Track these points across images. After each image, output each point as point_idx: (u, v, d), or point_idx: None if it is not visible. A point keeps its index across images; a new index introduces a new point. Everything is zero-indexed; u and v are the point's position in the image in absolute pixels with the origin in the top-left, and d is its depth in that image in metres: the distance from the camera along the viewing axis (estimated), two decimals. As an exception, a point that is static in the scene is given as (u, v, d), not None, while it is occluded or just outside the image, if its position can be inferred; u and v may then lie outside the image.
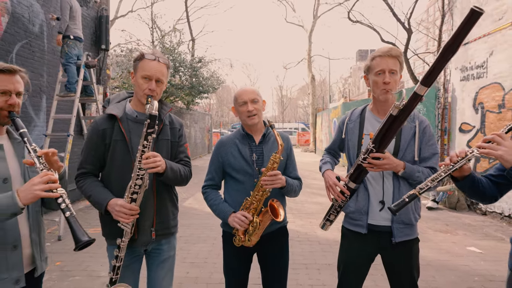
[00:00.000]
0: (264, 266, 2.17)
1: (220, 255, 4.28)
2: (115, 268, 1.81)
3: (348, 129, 2.11)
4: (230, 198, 2.15)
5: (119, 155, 1.88)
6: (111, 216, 1.82)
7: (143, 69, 1.87)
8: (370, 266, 2.07)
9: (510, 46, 5.75)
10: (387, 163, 1.77)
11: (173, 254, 2.13)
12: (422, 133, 1.95)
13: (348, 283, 2.06)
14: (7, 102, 1.50)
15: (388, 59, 1.87)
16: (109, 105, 2.00)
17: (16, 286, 1.50)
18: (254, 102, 2.07)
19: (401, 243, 1.93)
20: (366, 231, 1.96)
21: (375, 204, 1.95)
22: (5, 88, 1.50)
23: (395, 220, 1.91)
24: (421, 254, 4.67)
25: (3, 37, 5.46)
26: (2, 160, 1.52)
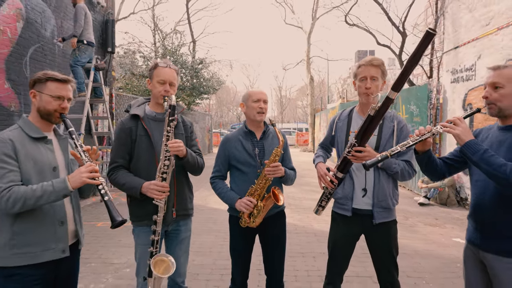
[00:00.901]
0: (266, 244, 2.51)
1: (222, 245, 4.66)
2: (153, 242, 2.14)
3: (337, 127, 2.45)
4: (236, 186, 2.48)
5: (144, 148, 2.23)
6: (138, 201, 2.16)
7: (158, 75, 2.23)
8: (355, 244, 2.38)
9: (496, 50, 6.10)
10: (368, 155, 2.09)
11: (189, 235, 2.46)
12: (399, 131, 2.28)
13: (336, 257, 2.39)
14: (60, 105, 1.83)
15: (370, 68, 2.21)
16: (131, 108, 2.34)
17: (62, 254, 1.83)
18: (265, 103, 2.42)
19: (380, 224, 2.25)
20: (351, 214, 2.30)
21: (358, 191, 2.28)
22: (60, 94, 1.83)
23: (375, 205, 2.24)
24: (409, 244, 5.04)
25: (18, 41, 5.80)
26: (52, 152, 1.86)
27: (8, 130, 1.79)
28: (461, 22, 7.17)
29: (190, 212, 2.43)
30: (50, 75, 1.84)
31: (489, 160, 1.66)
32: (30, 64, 6.08)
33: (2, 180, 1.63)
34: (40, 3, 6.33)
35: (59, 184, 1.69)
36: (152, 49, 17.07)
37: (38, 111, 1.83)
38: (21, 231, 1.70)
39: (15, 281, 1.69)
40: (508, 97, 1.74)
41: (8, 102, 5.61)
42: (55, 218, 1.81)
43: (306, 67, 23.22)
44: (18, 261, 1.69)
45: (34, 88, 1.84)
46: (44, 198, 1.66)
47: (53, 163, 1.82)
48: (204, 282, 3.63)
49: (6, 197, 1.60)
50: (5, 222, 1.70)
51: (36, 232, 1.73)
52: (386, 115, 2.30)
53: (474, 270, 1.96)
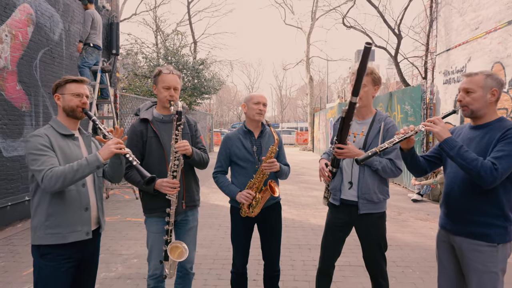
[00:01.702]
0: (263, 233, 2.80)
1: (223, 238, 4.95)
2: (167, 231, 2.41)
3: (335, 129, 2.70)
4: (236, 180, 2.76)
5: (154, 148, 2.50)
6: (150, 195, 2.44)
7: (163, 81, 2.48)
8: (345, 232, 2.62)
9: (484, 53, 6.38)
10: (347, 151, 2.37)
11: (196, 225, 2.73)
12: (385, 132, 2.52)
13: (327, 239, 2.65)
14: (81, 101, 2.12)
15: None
16: (139, 112, 2.62)
17: (86, 236, 2.11)
18: (264, 106, 2.70)
19: (365, 215, 2.50)
20: (339, 203, 2.57)
21: (346, 183, 2.55)
22: (79, 91, 2.11)
23: (359, 197, 2.50)
24: (400, 237, 5.34)
25: (29, 45, 6.09)
26: (78, 148, 2.14)
27: (43, 128, 2.08)
28: (453, 25, 7.45)
29: (197, 203, 2.71)
30: (67, 78, 2.14)
31: (464, 155, 1.90)
32: (40, 67, 6.37)
33: (44, 164, 1.91)
34: (49, 8, 6.62)
35: (92, 158, 1.97)
36: (154, 50, 17.35)
37: (63, 110, 2.11)
38: (53, 213, 1.98)
39: (48, 259, 1.97)
40: (479, 100, 2.00)
41: (20, 103, 5.90)
42: (81, 204, 2.09)
43: (305, 67, 23.49)
44: (50, 240, 1.97)
45: (57, 92, 2.12)
46: (80, 171, 1.92)
47: (79, 157, 2.10)
48: (206, 271, 3.91)
49: (49, 176, 1.88)
50: (42, 205, 1.99)
51: (65, 215, 2.01)
52: (376, 117, 2.57)
53: (446, 252, 2.24)
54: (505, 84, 2.15)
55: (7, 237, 5.10)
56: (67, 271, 2.01)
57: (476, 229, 1.99)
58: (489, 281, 1.94)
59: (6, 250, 4.57)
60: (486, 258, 1.95)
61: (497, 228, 1.95)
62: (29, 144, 1.97)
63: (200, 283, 3.58)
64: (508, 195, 1.95)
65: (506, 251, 1.98)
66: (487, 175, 1.84)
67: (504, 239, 1.95)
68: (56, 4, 6.85)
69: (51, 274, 1.97)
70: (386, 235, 2.62)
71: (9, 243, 4.82)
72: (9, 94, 5.66)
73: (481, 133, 2.02)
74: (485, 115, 2.03)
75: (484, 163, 1.87)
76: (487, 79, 2.00)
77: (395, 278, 3.72)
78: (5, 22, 5.55)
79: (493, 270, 1.94)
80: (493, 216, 1.96)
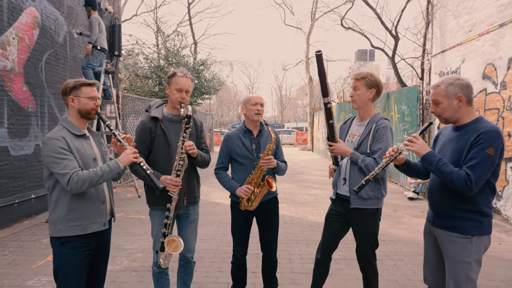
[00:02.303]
0: (262, 225, 2.98)
1: (224, 234, 5.15)
2: (166, 225, 2.56)
3: (341, 130, 2.94)
4: (236, 176, 2.95)
5: (161, 145, 2.67)
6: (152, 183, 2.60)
7: (176, 83, 2.65)
8: (342, 225, 2.78)
9: (477, 55, 6.56)
10: (336, 149, 2.59)
11: (197, 218, 2.91)
12: (375, 133, 2.68)
13: (325, 228, 2.85)
14: (95, 104, 2.28)
15: (354, 80, 2.70)
16: (150, 109, 2.79)
17: (104, 227, 2.29)
18: (262, 106, 2.88)
19: (356, 209, 2.67)
20: (335, 197, 2.78)
21: (341, 180, 2.75)
22: (93, 95, 2.27)
23: (351, 191, 2.70)
24: (395, 232, 5.53)
25: (34, 47, 6.27)
26: (91, 146, 2.31)
27: (57, 130, 2.21)
28: (447, 27, 7.63)
29: (197, 200, 2.88)
30: (82, 81, 2.28)
31: (441, 169, 2.07)
32: (45, 68, 6.55)
33: (67, 168, 2.06)
34: (54, 11, 6.80)
35: (113, 165, 2.16)
36: (155, 51, 17.53)
37: (78, 112, 2.24)
38: (75, 208, 2.15)
39: (68, 247, 2.14)
40: (447, 109, 2.15)
41: (26, 104, 6.08)
42: (99, 198, 2.27)
43: (305, 68, 23.65)
44: (72, 232, 2.14)
45: (71, 95, 2.24)
46: (104, 176, 2.12)
47: (93, 155, 2.28)
48: (208, 264, 4.10)
49: (76, 179, 2.04)
50: (62, 201, 2.15)
51: (86, 209, 2.19)
52: (372, 119, 2.72)
53: (429, 242, 2.42)
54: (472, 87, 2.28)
55: (15, 233, 5.28)
56: (85, 258, 2.19)
57: (453, 222, 2.15)
58: (462, 270, 2.10)
59: (15, 245, 4.75)
60: (461, 249, 2.11)
61: (472, 222, 2.10)
62: (47, 147, 2.10)
63: (202, 275, 3.76)
64: (483, 194, 2.10)
65: (481, 243, 2.12)
66: (462, 186, 2.00)
67: (478, 232, 2.10)
68: (60, 7, 7.03)
69: (71, 261, 2.14)
70: (381, 230, 2.79)
71: (18, 239, 5.00)
72: (16, 95, 5.85)
73: (459, 134, 2.17)
74: (461, 118, 2.16)
75: (459, 174, 2.01)
76: (449, 88, 2.13)
77: (387, 270, 3.91)
78: (12, 25, 5.73)
79: (467, 260, 2.09)
80: (469, 212, 2.11)
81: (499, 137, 2.04)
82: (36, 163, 6.32)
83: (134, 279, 3.71)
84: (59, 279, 2.16)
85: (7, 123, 5.65)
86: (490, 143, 2.01)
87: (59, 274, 2.16)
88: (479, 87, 6.53)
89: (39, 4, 6.38)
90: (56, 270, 2.17)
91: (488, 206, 2.13)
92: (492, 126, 2.08)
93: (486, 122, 2.14)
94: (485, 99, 6.35)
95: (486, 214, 2.11)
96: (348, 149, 2.62)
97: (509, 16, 5.76)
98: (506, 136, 5.79)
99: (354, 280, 3.65)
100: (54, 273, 2.18)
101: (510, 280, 3.68)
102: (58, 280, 2.17)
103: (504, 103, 5.87)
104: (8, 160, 5.67)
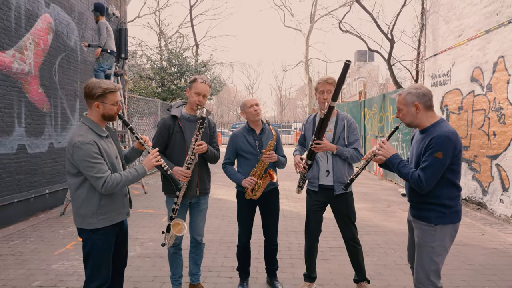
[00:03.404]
0: (264, 213, 3.36)
1: (228, 226, 5.55)
2: (174, 209, 2.96)
3: (305, 128, 3.34)
4: (241, 169, 3.33)
5: (178, 141, 3.05)
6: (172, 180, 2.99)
7: (196, 88, 3.02)
8: (323, 211, 3.25)
9: (466, 59, 6.95)
10: (324, 146, 2.97)
11: (206, 207, 3.28)
12: (349, 127, 3.15)
13: (310, 220, 3.27)
14: (118, 108, 2.54)
15: (326, 85, 3.10)
16: (171, 109, 3.17)
17: (127, 216, 2.64)
18: (257, 105, 3.26)
19: (339, 195, 3.13)
20: (318, 189, 3.18)
21: (323, 172, 3.15)
22: (117, 100, 2.55)
23: (335, 181, 3.11)
24: (387, 224, 5.93)
25: (49, 51, 6.66)
26: (112, 145, 2.60)
27: (85, 133, 2.34)
28: (439, 32, 8.02)
29: (208, 191, 3.26)
30: (109, 89, 2.38)
31: (400, 170, 2.44)
32: (58, 71, 6.94)
33: (101, 171, 2.34)
34: (66, 17, 7.19)
35: (141, 170, 2.50)
36: (157, 52, 17.91)
37: (102, 116, 2.49)
38: (104, 204, 2.46)
39: (99, 234, 2.46)
40: (407, 115, 2.46)
41: (41, 104, 6.47)
42: (122, 192, 2.60)
43: (304, 69, 24.04)
44: (102, 224, 2.45)
45: (97, 101, 2.37)
46: (134, 180, 2.47)
47: (115, 153, 2.58)
48: (214, 251, 4.48)
49: (110, 183, 2.34)
50: (92, 199, 2.42)
51: (113, 203, 2.51)
52: (339, 116, 3.19)
53: (409, 228, 2.80)
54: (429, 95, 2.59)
55: (33, 225, 5.67)
56: (112, 242, 2.54)
57: (421, 213, 2.49)
58: (427, 253, 2.43)
59: (35, 235, 5.14)
60: (426, 235, 2.45)
61: (436, 213, 2.41)
62: (82, 152, 2.27)
63: (209, 260, 4.15)
64: (444, 189, 2.41)
65: (445, 232, 2.42)
66: (415, 185, 2.36)
67: (442, 222, 2.41)
68: (72, 13, 7.42)
69: (103, 245, 2.47)
70: (374, 222, 3.23)
71: (36, 230, 5.39)
72: (33, 96, 6.23)
73: (422, 137, 2.47)
74: (421, 123, 2.46)
75: (413, 176, 2.35)
76: (407, 97, 2.44)
77: (377, 257, 4.30)
78: (29, 31, 6.12)
79: (431, 245, 2.42)
80: (433, 204, 2.42)
81: (449, 142, 2.27)
82: (49, 160, 6.70)
83: (148, 263, 4.10)
84: (91, 262, 2.46)
85: (24, 122, 6.04)
86: (439, 148, 2.27)
87: (91, 258, 2.46)
88: (468, 89, 6.92)
89: (52, 11, 6.77)
90: (87, 255, 2.46)
91: (451, 199, 2.40)
92: (444, 131, 2.31)
93: (442, 126, 2.36)
94: (473, 100, 6.74)
95: (449, 206, 2.39)
96: (333, 145, 3.02)
97: (494, 23, 6.15)
98: (492, 135, 6.19)
99: (347, 265, 4.02)
100: (85, 258, 2.47)
101: (488, 265, 4.07)
102: (89, 263, 2.46)
103: (490, 104, 6.27)
104: (25, 158, 6.05)
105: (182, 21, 38.83)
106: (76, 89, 7.59)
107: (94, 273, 2.47)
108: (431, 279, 2.42)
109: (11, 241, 4.90)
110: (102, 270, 2.48)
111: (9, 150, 5.70)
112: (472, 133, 6.79)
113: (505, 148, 5.86)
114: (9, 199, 5.64)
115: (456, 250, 4.51)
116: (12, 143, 5.78)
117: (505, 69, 5.87)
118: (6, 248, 4.60)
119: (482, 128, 6.48)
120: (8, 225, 5.57)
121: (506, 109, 5.83)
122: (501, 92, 5.95)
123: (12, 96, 5.77)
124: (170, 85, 15.46)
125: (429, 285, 2.42)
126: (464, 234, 5.19)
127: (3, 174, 5.57)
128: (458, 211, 2.44)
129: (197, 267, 3.32)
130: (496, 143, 6.08)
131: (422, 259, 2.46)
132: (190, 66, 15.46)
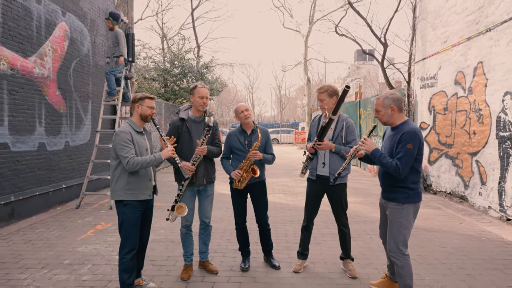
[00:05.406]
0: (254, 202, 3.92)
1: (231, 216, 6.07)
2: (179, 195, 3.52)
3: (311, 126, 3.90)
4: (234, 163, 3.89)
5: (186, 140, 3.61)
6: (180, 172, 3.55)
7: (198, 93, 3.60)
8: (320, 198, 3.80)
9: (450, 63, 7.50)
10: (325, 146, 3.52)
11: (212, 194, 3.83)
12: (347, 128, 3.69)
13: (309, 205, 3.84)
14: (152, 112, 3.21)
15: (319, 94, 3.67)
16: (179, 112, 3.74)
17: (149, 197, 3.24)
18: (247, 110, 3.81)
19: (334, 185, 3.67)
20: (315, 178, 3.73)
21: (320, 164, 3.71)
22: (152, 105, 3.22)
23: (330, 172, 3.66)
24: (376, 215, 6.56)
25: (65, 57, 7.21)
26: (145, 140, 3.25)
27: (126, 126, 3.13)
28: (427, 38, 8.57)
29: (213, 180, 3.81)
30: (146, 95, 3.22)
31: (381, 161, 2.96)
32: (73, 75, 7.50)
33: (129, 153, 3.01)
34: (79, 24, 7.75)
35: (158, 156, 3.13)
36: (159, 53, 18.45)
37: (140, 115, 3.19)
38: (131, 181, 3.10)
39: (129, 207, 3.09)
40: (384, 116, 3.01)
41: (59, 106, 7.03)
42: (147, 176, 3.22)
43: (303, 69, 24.58)
44: (128, 197, 3.09)
45: (138, 103, 3.18)
46: (151, 163, 3.09)
47: (146, 146, 3.24)
48: (219, 237, 5.04)
49: (132, 162, 2.99)
50: (123, 177, 3.10)
51: (139, 182, 3.14)
52: (340, 118, 3.71)
53: (381, 210, 3.35)
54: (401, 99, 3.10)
55: (52, 216, 6.23)
56: (139, 215, 3.15)
57: (391, 194, 3.04)
58: (396, 226, 2.98)
59: (56, 224, 5.70)
60: (395, 213, 3.00)
61: (403, 194, 2.96)
62: (119, 137, 3.04)
63: (215, 244, 4.71)
64: (409, 174, 2.93)
65: (409, 209, 2.96)
66: (394, 172, 2.88)
67: (407, 201, 2.95)
68: (85, 20, 7.97)
69: (131, 216, 3.10)
70: (364, 213, 3.78)
71: (57, 220, 5.95)
72: (51, 98, 6.79)
73: (393, 133, 3.04)
74: (394, 122, 3.02)
75: (391, 164, 2.86)
76: (385, 100, 2.99)
77: (363, 241, 4.86)
78: (48, 38, 6.68)
79: (399, 220, 2.97)
80: (400, 187, 2.96)
81: (416, 136, 2.83)
82: (65, 157, 7.27)
83: (161, 247, 4.66)
84: (124, 230, 3.10)
85: (44, 123, 6.60)
86: (409, 140, 2.82)
87: (124, 226, 3.10)
88: (452, 91, 7.48)
89: (68, 19, 7.32)
90: (121, 224, 3.12)
91: (414, 183, 2.96)
92: (412, 128, 2.87)
93: (410, 124, 2.93)
94: (456, 102, 7.30)
95: (412, 188, 2.96)
96: (332, 144, 3.58)
97: (474, 31, 6.70)
98: (472, 134, 6.75)
99: (336, 248, 4.59)
100: (119, 227, 3.13)
101: (460, 248, 4.64)
102: (122, 231, 3.11)
103: (470, 106, 6.82)
104: (45, 155, 6.62)
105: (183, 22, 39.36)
106: (89, 91, 8.15)
107: (125, 240, 3.10)
108: (400, 248, 2.98)
109: (36, 229, 5.46)
110: (131, 237, 3.11)
111: (31, 148, 6.26)
112: (455, 132, 7.34)
113: (483, 146, 6.42)
114: (32, 192, 6.20)
115: (434, 236, 5.08)
116: (34, 141, 6.34)
117: (483, 73, 6.43)
118: (34, 235, 5.16)
119: (464, 127, 7.04)
120: (31, 215, 6.14)
121: (484, 110, 6.39)
122: (480, 94, 6.51)
123: (34, 98, 6.33)
124: (173, 86, 16.04)
125: (398, 252, 2.98)
126: (444, 223, 5.76)
127: (27, 170, 6.13)
128: (419, 192, 3.02)
129: (206, 247, 3.88)
130: (476, 141, 6.63)
131: (393, 232, 3.01)
132: (192, 68, 16.01)
